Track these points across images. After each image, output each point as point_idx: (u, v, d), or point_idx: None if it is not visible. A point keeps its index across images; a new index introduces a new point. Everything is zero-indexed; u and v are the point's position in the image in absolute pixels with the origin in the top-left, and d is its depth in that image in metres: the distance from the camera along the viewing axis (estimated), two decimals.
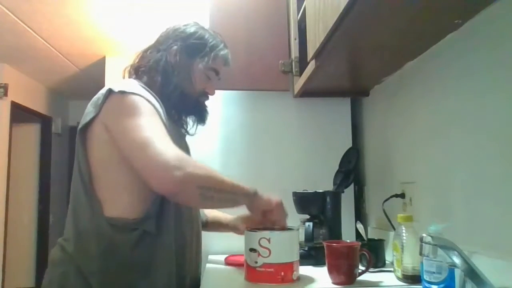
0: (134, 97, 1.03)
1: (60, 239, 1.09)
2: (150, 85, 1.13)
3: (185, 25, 1.23)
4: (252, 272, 1.07)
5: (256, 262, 1.05)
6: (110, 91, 1.04)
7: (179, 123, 1.26)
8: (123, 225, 1.02)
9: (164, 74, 1.15)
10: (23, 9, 3.17)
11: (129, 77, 1.20)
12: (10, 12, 3.21)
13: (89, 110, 1.06)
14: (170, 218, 1.08)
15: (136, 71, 1.20)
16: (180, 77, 1.17)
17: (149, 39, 1.28)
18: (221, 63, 1.24)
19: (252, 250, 1.06)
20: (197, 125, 1.28)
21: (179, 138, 1.20)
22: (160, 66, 1.16)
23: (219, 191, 1.00)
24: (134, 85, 1.08)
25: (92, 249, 1.01)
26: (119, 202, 1.03)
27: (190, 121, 1.28)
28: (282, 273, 1.05)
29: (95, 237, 1.01)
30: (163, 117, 1.07)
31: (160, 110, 1.08)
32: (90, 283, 0.99)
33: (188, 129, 1.29)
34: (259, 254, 1.05)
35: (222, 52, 1.22)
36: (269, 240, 1.05)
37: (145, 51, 1.23)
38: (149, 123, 1.00)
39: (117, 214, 1.02)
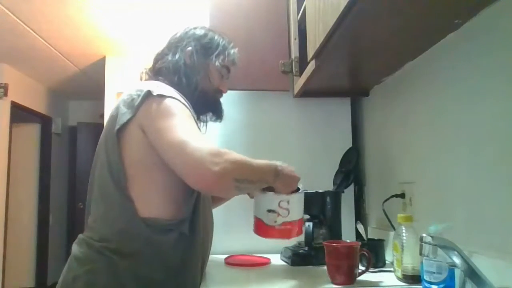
0: (171, 100, 1.06)
1: (84, 236, 1.09)
2: (173, 86, 1.16)
3: (194, 28, 1.28)
4: (270, 230, 1.14)
5: (276, 222, 1.13)
6: (148, 94, 1.06)
7: (199, 121, 1.30)
8: (159, 226, 1.04)
9: (185, 75, 1.19)
10: (23, 9, 3.17)
11: (148, 79, 1.23)
12: (10, 12, 3.22)
13: (123, 110, 1.07)
14: (200, 220, 1.12)
15: (156, 74, 1.22)
16: (199, 76, 1.21)
17: (149, 39, 1.29)
18: (232, 61, 1.29)
19: (271, 211, 1.13)
20: (213, 121, 1.33)
21: None
22: (180, 67, 1.20)
23: (251, 182, 1.05)
24: (169, 89, 1.10)
25: (128, 248, 1.03)
26: (152, 203, 1.06)
27: (207, 118, 1.32)
28: (297, 229, 1.16)
29: (132, 236, 1.03)
30: (194, 117, 1.12)
31: (192, 110, 1.12)
32: (122, 281, 1.01)
33: (205, 124, 1.33)
34: (278, 215, 1.12)
35: (232, 51, 1.29)
36: (288, 202, 1.13)
37: (160, 54, 1.26)
38: (185, 123, 1.04)
39: (151, 215, 1.04)
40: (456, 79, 1.05)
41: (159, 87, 1.09)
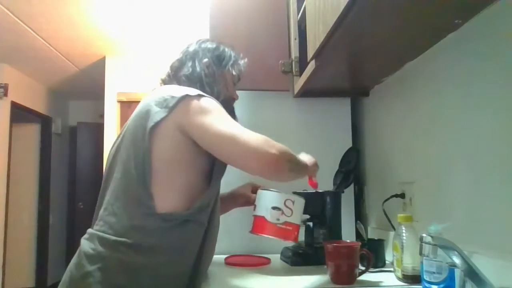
0: (208, 99, 1.12)
1: (95, 231, 1.08)
2: None
3: (205, 41, 1.34)
4: (270, 227, 1.14)
5: (278, 219, 1.14)
6: (185, 95, 1.10)
7: None
8: (176, 219, 1.07)
9: (208, 84, 1.24)
10: (23, 9, 3.17)
11: (167, 84, 1.27)
12: (10, 12, 3.22)
13: (156, 109, 1.09)
14: (217, 210, 1.19)
15: (178, 82, 1.25)
16: (220, 86, 1.27)
17: (149, 39, 1.29)
18: (241, 70, 1.36)
19: (276, 208, 1.15)
20: None
21: None
22: (202, 77, 1.24)
23: (297, 163, 1.14)
24: (204, 93, 1.16)
25: (145, 243, 1.05)
26: (172, 199, 1.09)
27: None
28: (296, 233, 1.17)
29: (149, 232, 1.05)
30: None
31: None
32: (137, 278, 1.02)
33: None
34: (282, 213, 1.14)
35: (242, 61, 1.36)
36: (293, 202, 1.16)
37: (177, 64, 1.30)
38: (228, 117, 1.11)
39: (168, 210, 1.07)
40: (456, 79, 1.05)
41: (195, 90, 1.14)
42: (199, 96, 1.11)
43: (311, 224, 1.35)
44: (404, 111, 1.36)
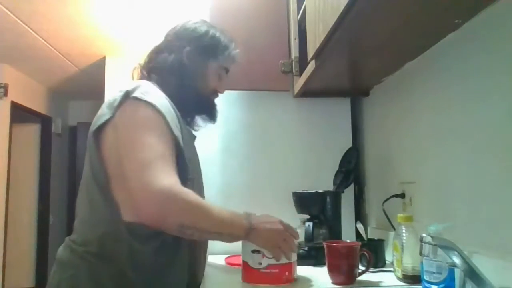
0: (147, 109, 1.00)
1: (69, 239, 1.07)
2: (164, 86, 1.11)
3: (195, 23, 1.22)
4: (254, 274, 1.06)
5: (261, 264, 1.04)
6: (127, 95, 1.02)
7: (191, 123, 1.25)
8: (140, 234, 0.99)
9: (179, 76, 1.14)
10: (23, 9, 3.17)
11: (141, 78, 1.18)
12: (10, 12, 3.21)
13: (104, 111, 1.04)
14: None
15: (149, 72, 1.17)
16: (195, 78, 1.17)
17: (149, 39, 1.28)
18: (232, 61, 1.25)
19: (256, 251, 1.04)
20: (207, 123, 1.28)
21: (190, 139, 1.20)
22: (175, 68, 1.14)
23: (201, 231, 0.98)
24: (153, 92, 1.05)
25: (110, 253, 0.99)
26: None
27: (200, 120, 1.27)
28: (287, 273, 1.06)
29: (114, 241, 0.99)
30: (178, 122, 1.06)
31: (174, 115, 1.06)
32: (104, 286, 0.98)
33: (195, 127, 1.28)
34: (263, 255, 1.04)
35: (233, 52, 1.24)
36: None
37: (156, 51, 1.20)
38: (154, 144, 0.98)
39: (135, 219, 0.98)
40: (456, 79, 1.05)
41: (140, 88, 1.04)
42: (137, 100, 1.00)
43: (311, 224, 1.35)
44: (404, 111, 1.36)
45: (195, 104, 1.19)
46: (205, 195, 1.23)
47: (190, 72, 1.16)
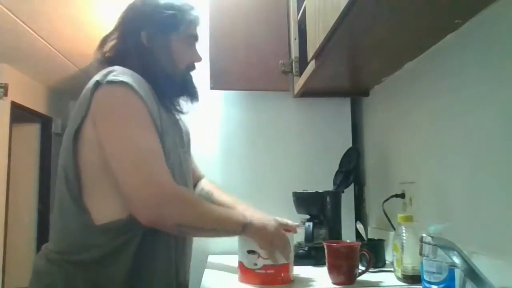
0: (124, 91, 0.95)
1: (45, 247, 1.04)
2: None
3: (142, 3, 1.12)
4: (249, 274, 1.06)
5: (256, 264, 1.04)
6: (97, 84, 0.96)
7: (170, 107, 1.14)
8: (118, 229, 0.95)
9: (146, 62, 1.06)
10: (23, 9, 3.17)
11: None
12: (10, 12, 3.21)
13: (77, 111, 1.00)
14: None
15: (109, 63, 1.07)
16: (162, 60, 1.09)
17: None
18: (196, 25, 1.15)
19: (251, 252, 1.04)
20: (191, 104, 1.19)
21: (172, 125, 1.13)
22: (135, 54, 1.07)
23: (198, 229, 0.98)
24: (126, 72, 0.99)
25: (86, 258, 0.96)
26: (109, 206, 0.97)
27: (182, 101, 1.18)
28: (282, 274, 1.06)
29: (90, 246, 0.96)
30: (155, 107, 1.00)
31: (152, 98, 1.01)
32: None
33: (180, 109, 1.18)
34: (259, 256, 1.04)
35: (193, 15, 1.13)
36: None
37: (109, 39, 1.12)
38: (142, 137, 0.95)
39: (108, 219, 0.96)
40: (456, 79, 1.05)
41: (114, 72, 0.97)
42: (112, 84, 0.94)
43: (311, 224, 1.35)
44: (404, 111, 1.36)
45: (170, 87, 1.11)
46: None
47: (153, 54, 1.08)
